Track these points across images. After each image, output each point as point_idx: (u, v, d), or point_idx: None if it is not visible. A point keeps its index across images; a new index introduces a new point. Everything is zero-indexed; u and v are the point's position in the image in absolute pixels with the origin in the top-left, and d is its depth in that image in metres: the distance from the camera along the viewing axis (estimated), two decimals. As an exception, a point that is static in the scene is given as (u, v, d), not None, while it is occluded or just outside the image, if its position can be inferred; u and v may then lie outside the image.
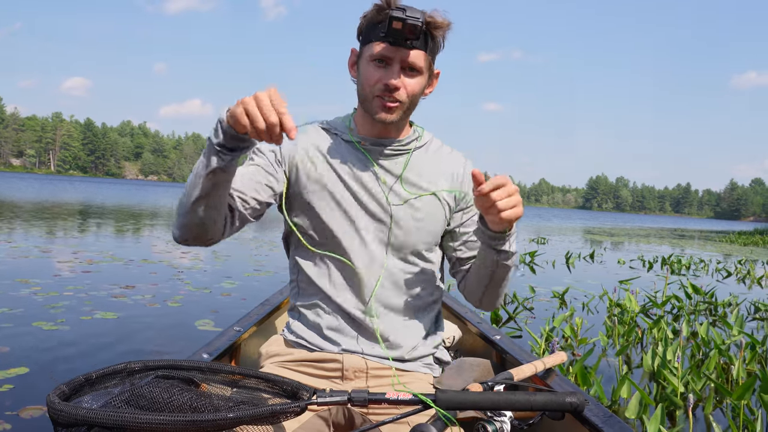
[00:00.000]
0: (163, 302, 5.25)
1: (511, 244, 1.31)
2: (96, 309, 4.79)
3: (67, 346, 3.76)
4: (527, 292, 6.70)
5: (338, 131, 1.45)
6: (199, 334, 4.29)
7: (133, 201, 29.41)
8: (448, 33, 1.34)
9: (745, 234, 35.39)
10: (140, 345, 3.94)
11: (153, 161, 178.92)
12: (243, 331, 1.86)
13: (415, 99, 1.37)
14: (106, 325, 4.34)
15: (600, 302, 6.72)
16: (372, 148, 1.42)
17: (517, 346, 1.86)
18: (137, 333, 4.21)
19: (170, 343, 4.07)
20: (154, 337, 4.15)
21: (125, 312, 4.77)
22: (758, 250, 21.13)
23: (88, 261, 7.42)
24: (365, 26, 1.33)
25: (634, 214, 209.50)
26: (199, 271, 7.35)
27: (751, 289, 9.26)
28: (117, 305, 5.00)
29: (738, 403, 2.89)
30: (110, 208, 21.48)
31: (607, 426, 1.24)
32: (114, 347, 3.83)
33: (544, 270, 10.04)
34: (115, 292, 5.54)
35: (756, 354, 4.05)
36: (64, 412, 0.75)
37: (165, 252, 9.06)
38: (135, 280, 6.25)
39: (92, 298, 5.22)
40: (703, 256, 15.83)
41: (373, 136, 1.42)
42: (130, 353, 3.72)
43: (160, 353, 3.81)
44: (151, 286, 6.01)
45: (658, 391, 3.44)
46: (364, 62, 1.34)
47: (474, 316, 2.24)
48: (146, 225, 14.94)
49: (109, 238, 10.90)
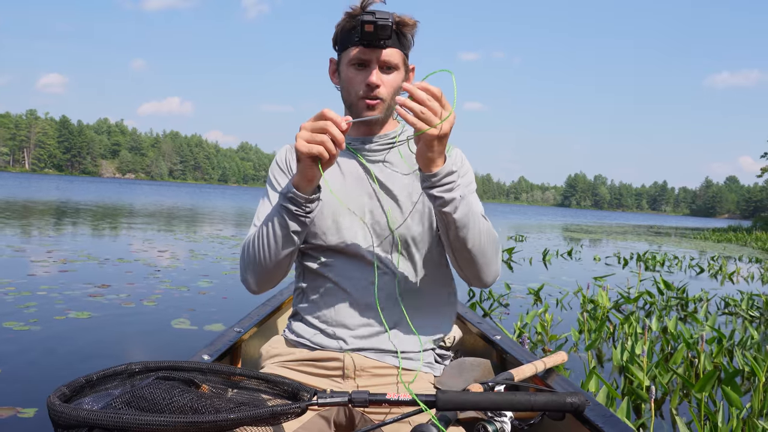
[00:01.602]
0: (139, 301, 5.22)
1: (446, 188, 1.23)
2: (69, 309, 4.75)
3: (38, 347, 3.73)
4: (503, 289, 6.78)
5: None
6: (175, 332, 4.28)
7: (110, 199, 29.04)
8: (415, 31, 1.41)
9: (720, 231, 36.02)
10: (113, 345, 3.92)
11: (131, 159, 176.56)
12: (244, 332, 1.85)
13: (396, 94, 1.42)
14: (80, 325, 4.30)
15: (574, 298, 6.82)
16: (360, 147, 1.48)
17: (518, 346, 1.83)
18: (111, 333, 4.19)
19: (144, 342, 4.06)
20: (128, 337, 4.14)
21: (99, 312, 4.74)
22: (732, 247, 21.53)
23: (62, 260, 7.34)
24: (340, 35, 1.40)
25: (612, 211, 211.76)
26: (177, 269, 7.31)
27: (723, 284, 9.45)
28: (91, 305, 4.96)
29: (700, 395, 2.97)
30: (86, 206, 21.20)
31: (608, 426, 1.22)
32: (86, 348, 3.81)
33: (521, 266, 10.14)
34: (89, 292, 5.50)
35: (722, 348, 4.15)
36: (65, 413, 0.75)
37: (141, 251, 8.99)
38: (110, 279, 6.20)
39: (66, 297, 5.18)
40: (678, 252, 16.10)
41: (359, 137, 1.49)
42: (102, 353, 3.70)
43: (134, 353, 3.80)
44: (126, 285, 5.97)
45: (625, 384, 3.52)
46: (343, 68, 1.40)
47: (474, 316, 2.22)
48: (123, 224, 14.78)
49: (85, 237, 10.77)
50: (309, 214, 1.26)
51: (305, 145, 1.14)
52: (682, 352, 3.85)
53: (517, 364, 1.57)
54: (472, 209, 1.29)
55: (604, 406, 1.31)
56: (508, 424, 1.05)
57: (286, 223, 1.26)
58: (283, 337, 1.51)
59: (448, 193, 1.24)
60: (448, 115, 1.15)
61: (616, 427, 1.22)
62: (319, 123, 1.14)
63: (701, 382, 2.86)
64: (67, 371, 3.31)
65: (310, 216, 1.27)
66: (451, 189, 1.23)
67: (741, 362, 3.84)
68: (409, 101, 1.12)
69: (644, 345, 3.73)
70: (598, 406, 1.31)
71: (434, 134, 1.14)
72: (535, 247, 14.48)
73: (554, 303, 6.44)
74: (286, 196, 1.24)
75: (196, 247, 9.80)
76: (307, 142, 1.14)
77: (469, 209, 1.28)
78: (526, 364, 1.44)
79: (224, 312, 5.01)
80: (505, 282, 7.06)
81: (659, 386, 3.42)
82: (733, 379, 2.92)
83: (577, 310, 6.13)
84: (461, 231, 1.28)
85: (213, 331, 4.37)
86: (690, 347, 4.08)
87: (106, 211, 19.13)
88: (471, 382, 1.47)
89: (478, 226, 1.30)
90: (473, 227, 1.29)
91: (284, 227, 1.26)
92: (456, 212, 1.25)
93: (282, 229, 1.27)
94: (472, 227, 1.29)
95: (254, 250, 1.33)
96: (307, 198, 1.23)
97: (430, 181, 1.23)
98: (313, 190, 1.24)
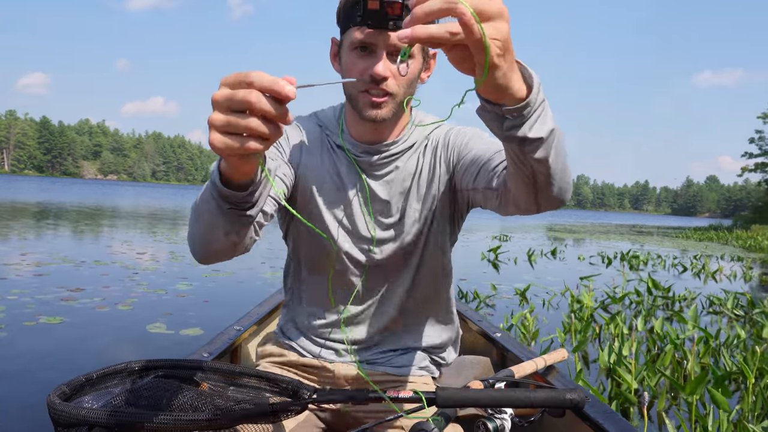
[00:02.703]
0: (114, 305, 5.06)
1: (536, 121, 0.79)
2: (41, 314, 4.58)
3: (4, 353, 3.58)
4: (489, 290, 6.70)
5: (329, 131, 1.31)
6: (150, 337, 4.14)
7: (91, 201, 28.62)
8: None
9: (701, 230, 36.38)
10: (85, 350, 3.77)
11: (112, 160, 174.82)
12: (243, 331, 1.87)
13: (410, 88, 1.19)
14: (51, 331, 4.14)
15: (561, 299, 6.76)
16: (362, 158, 1.27)
17: (518, 343, 1.86)
18: (83, 338, 4.03)
19: (117, 347, 3.91)
20: (101, 342, 3.98)
21: (72, 317, 4.57)
22: (713, 245, 21.71)
23: (36, 263, 7.13)
24: (342, 10, 1.15)
25: (594, 211, 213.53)
26: (156, 272, 7.14)
27: (706, 283, 9.46)
28: (64, 309, 4.79)
29: (690, 398, 2.90)
30: (66, 208, 20.84)
31: (607, 423, 1.23)
32: (57, 354, 3.66)
33: (507, 266, 10.09)
34: (62, 296, 5.32)
35: (710, 348, 4.10)
36: (65, 412, 0.75)
37: (120, 253, 8.79)
38: (85, 283, 6.02)
39: (37, 302, 5.00)
40: (661, 251, 16.18)
41: (365, 141, 1.27)
42: (73, 359, 3.55)
43: (105, 359, 3.65)
44: (102, 288, 5.79)
45: (612, 387, 3.44)
46: (344, 52, 1.17)
47: (474, 314, 2.26)
48: (103, 225, 14.51)
49: (63, 239, 10.52)
50: (251, 209, 0.89)
51: (220, 140, 0.68)
52: (671, 353, 3.78)
53: (518, 362, 1.59)
54: (558, 135, 0.86)
55: (604, 403, 1.32)
56: (508, 421, 1.04)
57: (223, 217, 0.90)
58: (277, 338, 1.46)
59: (544, 126, 0.81)
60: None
61: (616, 424, 1.23)
62: (239, 96, 0.65)
63: (692, 384, 2.78)
64: (31, 379, 3.16)
65: (255, 209, 0.90)
66: (545, 119, 0.81)
67: (728, 363, 3.79)
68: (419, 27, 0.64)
69: (632, 347, 3.66)
70: (598, 402, 1.32)
71: (477, 36, 0.63)
72: (519, 247, 14.46)
73: (541, 303, 6.38)
74: (216, 188, 0.85)
75: (177, 249, 9.61)
76: (223, 133, 0.68)
77: (558, 137, 0.86)
78: (527, 361, 1.45)
79: (203, 316, 4.86)
80: (491, 283, 6.99)
81: (647, 389, 3.35)
82: (723, 381, 2.85)
83: (563, 310, 6.07)
84: (553, 170, 0.89)
85: (189, 335, 4.23)
86: (678, 348, 4.02)
87: (85, 213, 18.80)
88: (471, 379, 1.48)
89: (563, 151, 0.90)
90: (561, 156, 0.90)
91: (220, 217, 0.90)
92: (551, 150, 0.85)
93: (218, 218, 0.90)
94: (561, 157, 0.90)
95: (195, 220, 0.98)
96: (244, 196, 0.86)
97: (522, 115, 0.77)
98: (252, 179, 0.85)
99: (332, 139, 1.30)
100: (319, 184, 1.29)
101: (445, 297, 1.43)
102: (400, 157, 1.29)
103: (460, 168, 1.24)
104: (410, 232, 1.29)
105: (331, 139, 1.30)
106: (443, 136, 1.30)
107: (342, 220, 1.30)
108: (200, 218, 0.94)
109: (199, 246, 0.99)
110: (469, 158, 1.21)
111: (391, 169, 1.28)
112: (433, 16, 0.63)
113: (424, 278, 1.35)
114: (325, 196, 1.29)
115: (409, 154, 1.29)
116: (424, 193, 1.29)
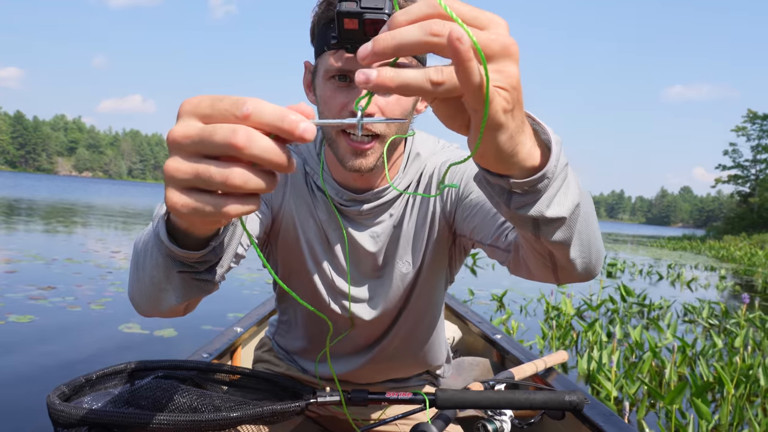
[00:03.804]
0: (86, 304, 4.93)
1: (555, 194, 0.60)
2: (9, 312, 4.44)
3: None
4: (467, 295, 6.69)
5: (309, 166, 1.10)
6: (124, 337, 4.03)
7: (64, 197, 28.09)
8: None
9: (675, 239, 36.98)
10: (55, 351, 3.65)
11: (88, 157, 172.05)
12: (243, 331, 1.87)
13: (403, 126, 0.98)
14: (19, 330, 4.01)
15: (538, 305, 6.77)
16: (349, 207, 1.07)
17: (518, 345, 1.86)
18: (53, 338, 3.92)
19: (88, 347, 3.80)
20: (72, 342, 3.87)
21: (42, 316, 4.44)
22: (687, 255, 22.06)
23: (6, 260, 6.94)
24: (315, 27, 0.95)
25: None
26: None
27: (682, 291, 9.59)
28: (33, 308, 4.65)
29: (670, 407, 2.90)
30: (38, 204, 20.41)
31: (607, 424, 1.23)
32: (26, 353, 3.54)
33: (485, 271, 10.11)
34: (32, 294, 5.17)
35: (686, 357, 4.12)
36: (65, 412, 0.75)
37: (93, 251, 8.60)
38: (57, 281, 5.86)
39: (6, 300, 4.85)
40: (636, 260, 16.37)
41: (349, 187, 1.07)
42: (43, 360, 3.44)
43: (76, 359, 3.55)
44: (74, 287, 5.65)
45: (592, 395, 3.43)
46: (319, 81, 0.96)
47: (474, 315, 2.25)
48: (76, 223, 14.22)
49: (34, 235, 10.28)
50: (212, 272, 0.73)
51: (183, 202, 0.46)
52: (650, 362, 3.79)
53: (517, 363, 1.59)
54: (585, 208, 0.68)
55: (604, 405, 1.32)
56: (508, 423, 1.05)
57: (173, 281, 0.72)
58: (271, 345, 1.38)
59: (566, 199, 0.61)
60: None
61: (615, 426, 1.23)
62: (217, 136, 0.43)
63: (672, 394, 2.78)
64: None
65: (217, 271, 0.74)
66: (567, 190, 0.61)
67: (705, 372, 3.81)
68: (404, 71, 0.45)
69: (613, 355, 3.66)
70: (598, 404, 1.32)
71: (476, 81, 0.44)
72: (498, 253, 14.51)
73: (518, 310, 6.38)
74: (163, 246, 0.67)
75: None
76: (187, 191, 0.46)
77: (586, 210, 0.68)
78: (527, 363, 1.45)
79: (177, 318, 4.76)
80: (468, 288, 6.97)
81: (626, 397, 3.35)
82: (703, 391, 2.85)
83: (539, 317, 6.08)
84: (578, 251, 0.71)
85: (164, 337, 4.13)
86: (656, 356, 4.03)
87: (58, 210, 18.43)
88: (470, 381, 1.49)
89: (592, 223, 0.72)
90: (589, 231, 0.71)
91: (170, 281, 0.72)
92: (574, 230, 0.66)
93: (166, 281, 0.72)
94: (589, 232, 0.71)
95: (136, 270, 0.79)
96: (203, 255, 0.67)
97: (536, 189, 0.58)
98: (216, 232, 0.66)
99: (313, 178, 1.10)
100: (304, 231, 1.11)
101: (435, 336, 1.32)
102: (393, 203, 1.10)
103: (459, 213, 1.05)
104: (399, 285, 1.14)
105: (312, 178, 1.10)
106: (438, 168, 1.10)
107: (328, 274, 1.14)
108: (144, 271, 0.74)
109: (145, 306, 0.79)
110: (471, 203, 1.01)
111: (383, 219, 1.10)
112: (410, 47, 0.43)
113: (416, 326, 1.23)
114: (311, 246, 1.12)
115: (403, 198, 1.10)
116: (418, 241, 1.11)
